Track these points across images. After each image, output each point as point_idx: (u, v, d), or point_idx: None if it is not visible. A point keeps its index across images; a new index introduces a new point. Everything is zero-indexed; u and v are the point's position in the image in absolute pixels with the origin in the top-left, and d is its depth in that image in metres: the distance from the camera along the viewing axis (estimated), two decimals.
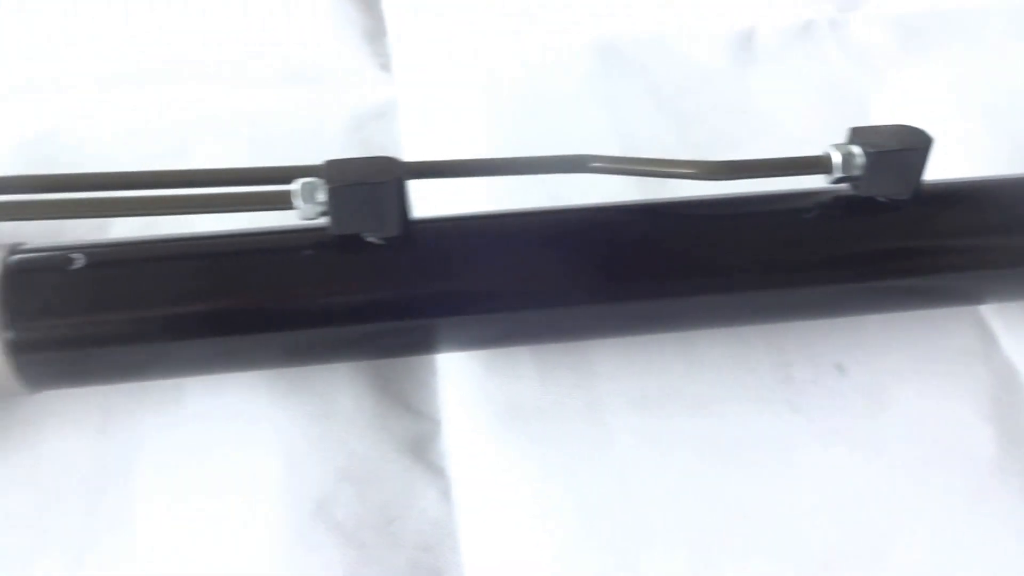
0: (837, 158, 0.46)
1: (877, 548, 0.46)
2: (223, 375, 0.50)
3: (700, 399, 0.51)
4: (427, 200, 0.47)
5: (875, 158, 0.45)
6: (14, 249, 0.44)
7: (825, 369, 0.52)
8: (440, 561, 0.45)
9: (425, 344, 0.49)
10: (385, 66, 0.73)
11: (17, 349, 0.42)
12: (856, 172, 0.46)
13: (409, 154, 0.62)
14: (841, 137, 0.47)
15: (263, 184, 0.46)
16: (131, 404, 0.50)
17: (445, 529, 0.46)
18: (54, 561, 0.45)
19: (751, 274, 0.47)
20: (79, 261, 0.44)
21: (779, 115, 0.67)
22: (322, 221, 0.44)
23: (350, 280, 0.45)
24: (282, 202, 0.44)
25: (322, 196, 0.43)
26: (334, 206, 0.43)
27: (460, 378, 0.52)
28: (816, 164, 0.46)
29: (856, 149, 0.46)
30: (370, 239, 0.45)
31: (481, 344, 0.50)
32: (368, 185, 0.43)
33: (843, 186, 0.47)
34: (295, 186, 0.43)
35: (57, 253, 0.44)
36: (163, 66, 0.70)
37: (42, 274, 0.44)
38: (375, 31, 0.76)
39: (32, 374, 0.43)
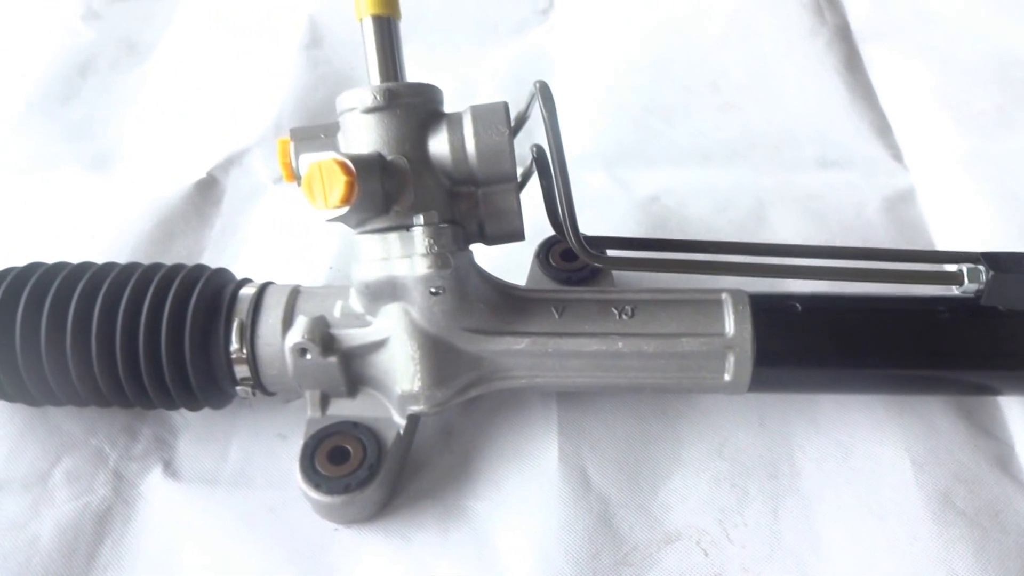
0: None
1: None
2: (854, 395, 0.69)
3: None
4: None
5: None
6: (752, 296, 0.65)
7: None
8: None
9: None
10: (897, 157, 0.91)
11: (758, 361, 0.63)
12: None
13: (937, 237, 0.80)
14: None
15: (907, 261, 0.65)
16: (780, 407, 0.70)
17: None
18: (758, 510, 0.65)
19: None
20: (799, 307, 0.64)
21: None
22: (970, 295, 0.62)
23: (989, 339, 0.63)
24: (949, 280, 0.62)
25: (983, 278, 0.61)
26: (991, 287, 0.61)
27: None
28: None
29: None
30: (1002, 309, 0.63)
31: None
32: None
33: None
34: (963, 268, 0.62)
35: (784, 300, 0.64)
36: (734, 150, 0.91)
37: (777, 313, 0.64)
38: (882, 126, 0.94)
39: (758, 380, 0.64)
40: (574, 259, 0.75)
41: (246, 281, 0.68)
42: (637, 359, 0.63)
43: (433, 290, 0.59)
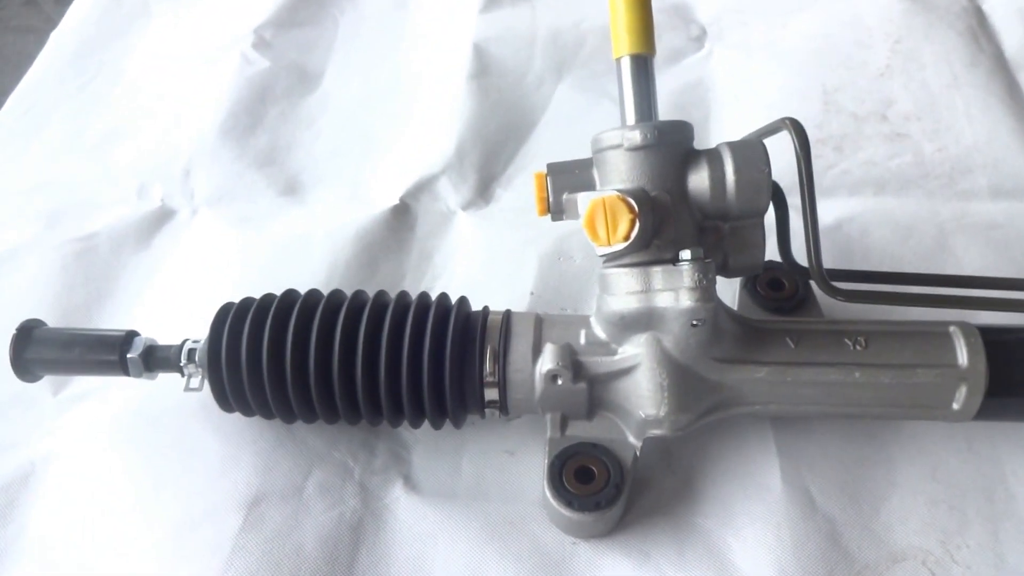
0: None
1: None
2: None
3: None
4: None
5: None
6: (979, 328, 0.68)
7: None
8: None
9: None
10: None
11: (989, 393, 0.66)
12: None
13: None
14: None
15: None
16: (985, 432, 0.74)
17: None
18: (978, 532, 0.69)
19: None
20: None
21: None
22: None
23: None
24: None
25: None
26: None
27: None
28: None
29: None
30: None
31: None
32: None
33: None
34: None
35: (1013, 332, 0.68)
36: (908, 179, 0.95)
37: (1007, 345, 0.68)
38: None
39: (984, 409, 0.67)
40: (781, 288, 0.79)
41: (486, 309, 0.72)
42: (871, 389, 0.67)
43: (695, 322, 0.63)
